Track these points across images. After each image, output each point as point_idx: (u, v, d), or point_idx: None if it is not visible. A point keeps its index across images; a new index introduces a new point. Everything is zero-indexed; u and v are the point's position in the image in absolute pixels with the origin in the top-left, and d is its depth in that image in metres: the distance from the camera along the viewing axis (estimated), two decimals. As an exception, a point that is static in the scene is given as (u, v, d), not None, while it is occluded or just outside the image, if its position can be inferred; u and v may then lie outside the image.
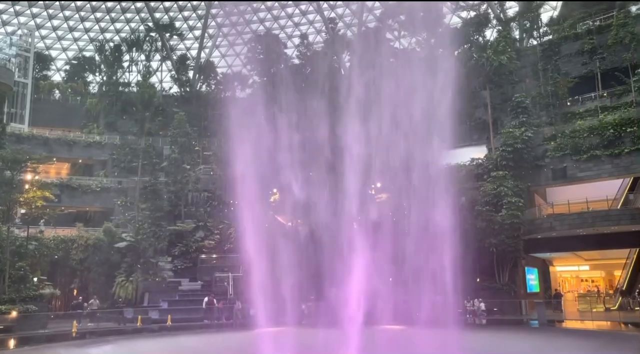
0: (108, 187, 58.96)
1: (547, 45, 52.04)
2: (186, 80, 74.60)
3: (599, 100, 47.14)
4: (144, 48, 74.22)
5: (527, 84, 51.75)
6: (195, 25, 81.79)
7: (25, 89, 63.79)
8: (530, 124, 46.33)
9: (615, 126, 41.59)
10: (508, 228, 41.56)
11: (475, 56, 52.88)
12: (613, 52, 46.53)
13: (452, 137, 45.18)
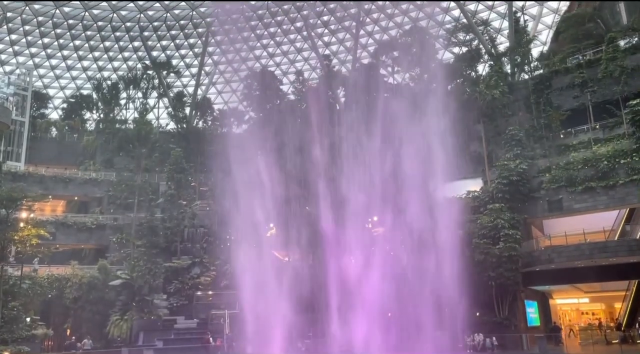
0: (104, 224, 58.63)
1: (538, 79, 52.89)
2: (183, 116, 75.20)
3: (592, 132, 47.67)
4: (141, 86, 75.07)
5: (520, 117, 52.36)
6: (192, 63, 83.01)
7: (22, 128, 64.13)
8: (524, 157, 46.72)
9: (609, 158, 41.92)
10: (506, 261, 41.35)
11: (468, 91, 53.73)
12: (604, 86, 47.23)
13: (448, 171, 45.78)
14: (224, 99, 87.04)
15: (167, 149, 64.66)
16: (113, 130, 69.47)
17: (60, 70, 78.30)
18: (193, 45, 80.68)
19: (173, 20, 75.79)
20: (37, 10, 66.71)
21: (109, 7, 69.25)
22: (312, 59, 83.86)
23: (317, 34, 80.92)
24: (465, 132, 51.44)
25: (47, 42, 72.68)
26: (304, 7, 76.60)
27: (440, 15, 75.32)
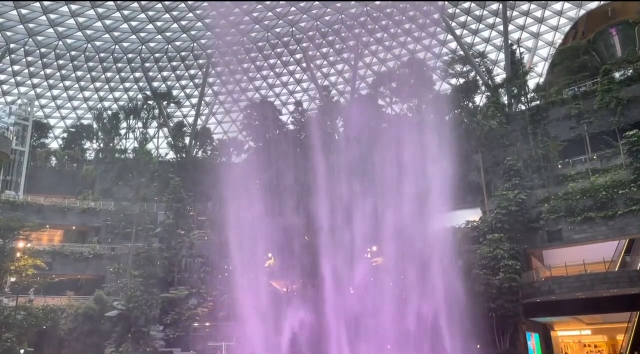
0: (101, 254, 58.24)
1: (535, 110, 53.37)
2: (182, 146, 75.51)
3: (590, 162, 47.85)
4: (141, 116, 75.57)
5: (518, 148, 52.63)
6: (192, 93, 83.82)
7: (22, 157, 64.27)
8: (523, 187, 46.81)
9: (607, 188, 42.02)
10: (506, 292, 41.01)
11: (466, 121, 54.16)
12: (600, 117, 47.64)
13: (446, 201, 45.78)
14: (223, 129, 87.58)
15: (166, 178, 64.69)
16: (112, 159, 69.66)
17: (62, 101, 78.97)
18: (193, 76, 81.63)
19: (174, 52, 76.86)
20: (40, 41, 67.65)
21: (111, 39, 70.26)
22: (311, 89, 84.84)
23: (316, 65, 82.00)
24: (463, 162, 51.64)
25: (49, 73, 73.50)
26: (304, 39, 77.79)
27: (438, 48, 76.55)
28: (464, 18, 71.37)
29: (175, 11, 66.74)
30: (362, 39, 77.42)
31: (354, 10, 73.21)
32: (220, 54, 78.44)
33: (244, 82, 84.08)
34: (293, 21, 74.31)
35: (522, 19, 68.93)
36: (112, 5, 62.45)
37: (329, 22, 75.40)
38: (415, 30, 75.02)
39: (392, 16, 73.23)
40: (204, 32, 73.46)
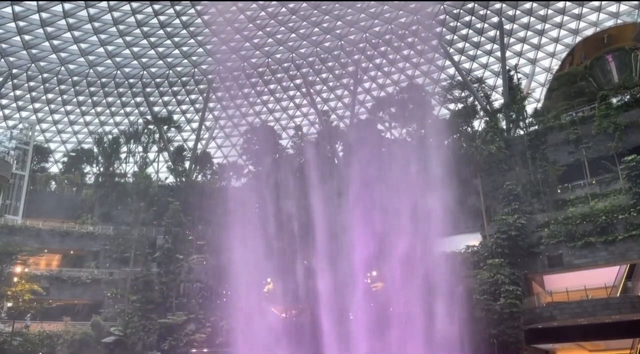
0: (99, 278, 57.81)
1: (533, 135, 53.63)
2: (182, 170, 75.55)
3: (589, 187, 47.89)
4: (141, 140, 75.73)
5: (517, 172, 52.74)
6: (192, 118, 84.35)
7: (22, 181, 64.31)
8: (522, 211, 46.72)
9: (607, 213, 41.95)
10: (508, 318, 40.59)
11: (465, 146, 54.42)
12: (598, 142, 47.82)
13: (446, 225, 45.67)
14: (223, 153, 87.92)
15: (166, 202, 64.57)
16: (112, 184, 69.61)
17: (63, 125, 79.37)
18: (194, 101, 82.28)
19: (175, 77, 77.60)
20: (42, 67, 68.38)
21: (113, 64, 71.03)
22: (311, 114, 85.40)
23: (316, 90, 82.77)
24: (463, 187, 51.69)
25: (51, 98, 74.07)
26: (303, 65, 78.64)
27: (436, 73, 77.38)
28: (462, 44, 72.34)
29: (177, 37, 67.64)
30: (361, 64, 78.32)
31: (354, 37, 74.22)
32: (221, 79, 79.26)
33: (244, 107, 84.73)
34: (293, 47, 75.23)
35: (519, 45, 69.91)
36: (114, 31, 63.27)
37: (328, 48, 76.36)
38: (414, 56, 75.98)
39: (391, 42, 74.21)
40: (205, 58, 74.33)
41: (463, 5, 66.40)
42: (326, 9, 66.78)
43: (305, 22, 69.24)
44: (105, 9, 59.01)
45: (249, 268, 52.53)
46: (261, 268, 55.07)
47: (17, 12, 56.03)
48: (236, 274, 51.75)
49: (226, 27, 67.18)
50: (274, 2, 63.94)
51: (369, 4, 66.41)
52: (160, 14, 61.96)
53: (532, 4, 64.06)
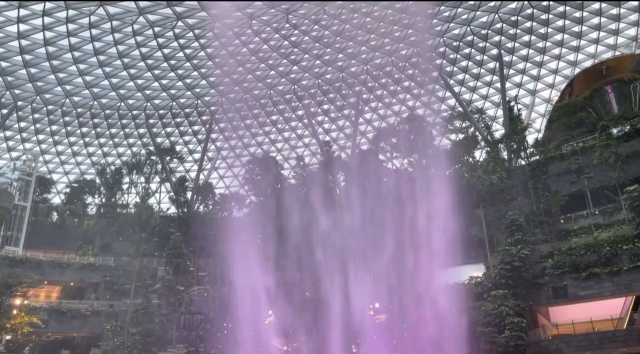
0: (98, 310, 57.21)
1: (535, 165, 53.78)
2: (184, 201, 75.57)
3: (592, 217, 47.73)
4: (144, 171, 76.11)
5: (520, 202, 52.70)
6: (195, 149, 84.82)
7: (23, 212, 64.32)
8: (526, 242, 46.42)
9: (611, 244, 41.69)
10: (513, 351, 39.94)
11: (467, 176, 54.52)
12: (600, 172, 47.90)
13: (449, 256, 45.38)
14: (225, 184, 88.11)
15: (167, 233, 64.38)
16: (114, 214, 69.63)
17: (66, 156, 79.80)
18: (197, 132, 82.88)
19: (178, 109, 78.36)
20: (47, 99, 69.17)
21: (117, 96, 71.85)
22: (312, 145, 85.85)
23: (318, 121, 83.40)
24: (465, 217, 51.52)
25: (55, 129, 74.69)
26: (305, 96, 79.46)
27: (437, 104, 78.07)
28: (461, 76, 73.18)
29: (181, 70, 68.56)
30: (362, 96, 79.10)
31: (355, 69, 75.17)
32: (223, 111, 80.00)
33: (246, 137, 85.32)
34: (295, 79, 76.16)
35: (519, 76, 70.70)
36: (119, 64, 64.23)
37: (330, 80, 77.28)
38: (415, 87, 76.77)
39: (392, 74, 75.12)
40: (208, 90, 75.17)
41: (462, 38, 67.46)
42: (327, 42, 67.86)
43: (307, 54, 70.26)
44: (110, 43, 60.04)
45: (250, 300, 52.03)
46: (263, 300, 54.53)
47: (24, 46, 57.00)
48: (237, 306, 51.22)
49: (229, 60, 68.16)
50: (276, 36, 64.95)
51: (369, 36, 67.45)
52: (164, 47, 62.98)
53: (530, 36, 65.03)
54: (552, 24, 62.78)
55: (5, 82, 63.05)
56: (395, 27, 66.04)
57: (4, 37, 55.32)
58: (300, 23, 63.75)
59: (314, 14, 62.10)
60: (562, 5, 59.89)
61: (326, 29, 65.23)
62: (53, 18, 54.00)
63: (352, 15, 63.16)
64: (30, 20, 53.51)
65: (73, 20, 54.82)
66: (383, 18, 63.82)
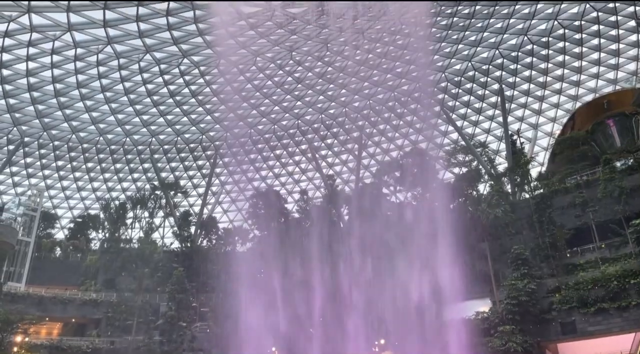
0: (100, 348, 56.34)
1: (539, 198, 53.60)
2: (188, 235, 75.49)
3: (598, 251, 47.25)
4: (148, 205, 76.24)
5: (525, 236, 52.33)
6: (199, 183, 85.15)
7: (27, 248, 64.23)
8: (532, 276, 45.95)
9: (619, 278, 41.19)
10: (523, 390, 39.03)
11: (471, 209, 54.40)
12: (604, 205, 47.69)
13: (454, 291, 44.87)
14: (229, 218, 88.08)
15: (170, 268, 64.05)
16: (117, 250, 69.42)
17: (71, 191, 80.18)
18: (201, 166, 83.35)
19: (183, 144, 79.08)
20: (54, 135, 69.96)
21: (122, 132, 72.63)
22: (316, 178, 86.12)
23: (321, 155, 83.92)
24: (470, 251, 51.22)
25: (60, 165, 75.26)
26: (309, 131, 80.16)
27: (439, 138, 78.57)
28: (464, 110, 73.87)
29: (186, 105, 69.46)
30: (365, 130, 79.74)
31: (357, 104, 76.02)
32: (228, 146, 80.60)
33: (250, 172, 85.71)
34: (299, 114, 76.99)
35: (521, 111, 71.35)
36: (125, 100, 65.14)
37: (333, 115, 78.08)
38: (417, 121, 77.42)
39: (394, 109, 75.89)
40: (213, 125, 75.96)
41: (464, 73, 68.39)
42: (330, 78, 68.88)
43: (310, 90, 71.22)
44: (117, 80, 61.04)
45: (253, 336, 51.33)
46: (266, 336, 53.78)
47: (32, 83, 58.02)
48: (240, 342, 50.49)
49: (234, 96, 69.10)
50: (280, 72, 66.01)
51: (372, 72, 68.47)
52: (170, 84, 63.99)
53: (531, 71, 65.89)
54: (552, 59, 63.71)
55: (13, 119, 63.94)
56: (397, 63, 67.11)
57: (13, 74, 56.37)
58: (304, 60, 64.84)
59: (317, 51, 63.22)
60: (561, 41, 60.90)
61: (329, 65, 66.31)
62: (62, 56, 55.10)
63: (355, 52, 64.27)
64: (40, 58, 54.63)
65: (81, 58, 55.91)
66: (385, 54, 64.92)
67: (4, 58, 53.08)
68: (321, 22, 55.78)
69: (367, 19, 56.52)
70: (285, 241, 66.18)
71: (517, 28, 60.50)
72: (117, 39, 53.95)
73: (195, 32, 54.28)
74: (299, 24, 55.36)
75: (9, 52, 52.40)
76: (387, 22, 58.42)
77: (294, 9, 52.84)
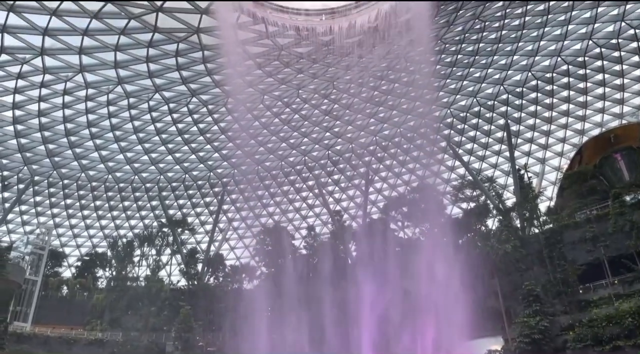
0: (105, 389, 55.51)
1: (549, 233, 53.03)
2: (195, 273, 75.09)
3: (611, 287, 46.40)
4: (155, 243, 76.15)
5: (535, 272, 51.56)
6: (206, 220, 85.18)
7: (34, 287, 64.01)
8: (544, 313, 45.13)
9: (633, 315, 40.26)
10: None
11: (480, 245, 53.91)
12: (616, 240, 47.07)
13: (465, 329, 44.04)
14: (236, 255, 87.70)
15: (177, 306, 63.52)
16: (124, 288, 69.06)
17: (79, 229, 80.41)
18: (209, 203, 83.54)
19: (191, 181, 79.52)
20: (63, 173, 70.61)
21: (131, 170, 73.22)
22: (323, 214, 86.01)
23: (328, 191, 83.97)
24: (480, 288, 50.50)
25: (69, 203, 75.71)
26: (316, 167, 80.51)
27: (446, 173, 78.58)
28: (470, 145, 74.08)
29: (194, 143, 70.12)
30: (372, 166, 79.96)
31: (364, 140, 76.50)
32: (235, 183, 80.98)
33: (257, 208, 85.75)
34: (306, 151, 77.48)
35: (527, 145, 71.48)
36: (134, 139, 65.89)
37: (340, 151, 78.53)
38: (423, 157, 77.62)
39: (401, 145, 76.25)
40: (221, 162, 76.48)
41: (469, 108, 68.96)
42: (337, 115, 69.58)
43: (317, 127, 71.87)
44: (126, 119, 61.93)
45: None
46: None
47: (43, 123, 58.95)
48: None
49: (241, 133, 69.78)
50: (287, 110, 66.80)
51: (377, 109, 69.17)
52: (179, 122, 64.79)
53: (536, 106, 66.34)
54: (557, 95, 64.22)
55: (24, 158, 64.71)
56: (403, 100, 67.81)
57: (25, 115, 57.33)
58: (310, 97, 65.67)
59: (323, 89, 64.08)
60: (565, 77, 61.50)
61: (335, 102, 67.08)
62: (73, 96, 56.11)
63: (361, 89, 65.08)
64: (51, 99, 55.64)
65: (92, 98, 56.92)
66: (390, 91, 65.68)
67: (16, 99, 54.14)
68: (327, 60, 56.74)
69: (372, 58, 57.44)
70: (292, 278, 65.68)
71: (520, 64, 61.27)
72: (127, 79, 55.01)
73: (203, 71, 55.30)
74: (305, 62, 56.31)
75: (22, 93, 53.46)
76: (392, 60, 59.32)
77: (301, 49, 53.84)
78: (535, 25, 54.49)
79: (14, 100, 54.14)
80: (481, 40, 56.19)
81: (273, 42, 50.93)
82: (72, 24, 44.89)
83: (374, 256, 62.64)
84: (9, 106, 54.87)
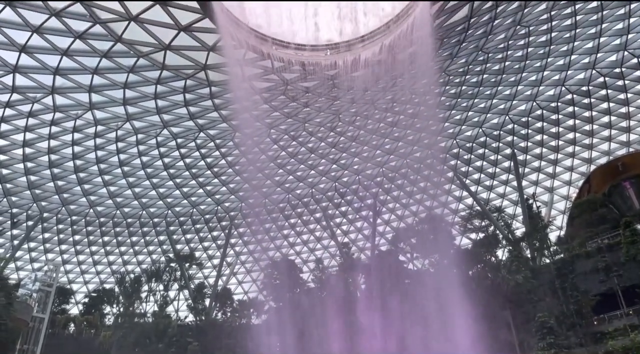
0: None
1: (560, 263, 52.45)
2: (202, 308, 74.41)
3: (626, 318, 45.51)
4: (163, 278, 75.78)
5: (548, 303, 50.74)
6: (214, 254, 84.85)
7: (41, 324, 63.49)
8: (559, 346, 44.23)
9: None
10: None
11: (490, 276, 53.24)
12: (629, 269, 46.45)
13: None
14: (243, 289, 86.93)
15: (184, 343, 62.79)
16: (131, 324, 68.42)
17: (87, 265, 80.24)
18: (216, 237, 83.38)
19: (198, 215, 79.62)
20: (72, 210, 70.94)
21: (139, 205, 73.50)
22: (331, 246, 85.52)
23: (336, 223, 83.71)
24: (492, 320, 49.66)
25: (77, 239, 75.79)
26: (323, 199, 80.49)
27: (454, 204, 78.27)
28: (477, 175, 73.97)
29: (201, 178, 70.47)
30: (379, 197, 79.83)
31: (371, 171, 76.63)
32: (242, 216, 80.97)
33: (265, 241, 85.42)
34: (312, 183, 77.61)
35: (535, 174, 71.29)
36: (142, 174, 66.34)
37: (346, 183, 78.59)
38: (431, 187, 77.49)
39: (407, 176, 76.26)
40: (228, 196, 76.64)
41: (475, 139, 69.13)
42: (343, 147, 69.94)
43: (323, 159, 72.15)
44: (135, 155, 62.47)
45: None
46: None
47: (52, 160, 59.57)
48: None
49: (248, 167, 70.12)
50: (294, 143, 67.26)
51: (384, 140, 69.48)
52: (186, 157, 65.27)
53: (542, 136, 66.42)
54: (563, 124, 64.39)
55: (33, 195, 65.15)
56: (409, 131, 68.13)
57: (34, 152, 57.98)
58: (317, 130, 66.16)
59: (329, 122, 64.59)
60: (570, 106, 61.77)
61: (342, 135, 67.50)
62: (82, 133, 56.77)
63: (366, 122, 65.54)
64: (61, 136, 56.34)
65: (101, 134, 57.60)
66: (396, 123, 66.08)
67: (27, 137, 54.85)
68: (333, 94, 57.36)
69: (377, 90, 58.05)
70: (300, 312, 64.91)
71: (525, 94, 61.68)
72: (135, 115, 55.74)
73: (211, 107, 55.96)
74: (311, 96, 56.93)
75: (32, 131, 54.20)
76: (397, 93, 59.89)
77: (307, 83, 54.52)
78: (539, 56, 55.07)
79: (24, 138, 54.85)
80: (485, 71, 56.75)
81: (279, 77, 51.65)
82: (82, 63, 45.84)
83: (383, 289, 61.93)
84: (19, 144, 55.57)
